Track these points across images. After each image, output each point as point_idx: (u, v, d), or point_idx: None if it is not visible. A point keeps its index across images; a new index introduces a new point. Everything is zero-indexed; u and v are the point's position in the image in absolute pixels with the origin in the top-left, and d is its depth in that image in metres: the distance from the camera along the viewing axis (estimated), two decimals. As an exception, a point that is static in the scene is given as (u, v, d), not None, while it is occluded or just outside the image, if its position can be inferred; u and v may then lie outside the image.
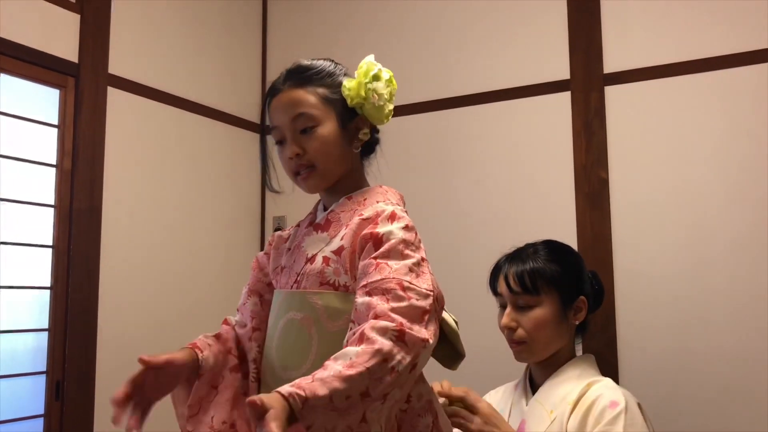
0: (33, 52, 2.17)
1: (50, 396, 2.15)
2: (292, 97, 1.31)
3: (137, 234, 2.46)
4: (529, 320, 1.62)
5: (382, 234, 1.20)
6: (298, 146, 1.30)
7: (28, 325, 2.15)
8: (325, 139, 1.30)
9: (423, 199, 2.68)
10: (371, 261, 1.18)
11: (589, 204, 2.40)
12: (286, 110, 1.31)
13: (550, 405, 1.59)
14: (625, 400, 1.53)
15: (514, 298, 1.65)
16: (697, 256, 2.24)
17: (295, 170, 1.32)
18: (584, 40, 2.46)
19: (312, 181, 1.33)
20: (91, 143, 2.31)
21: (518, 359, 1.68)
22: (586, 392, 1.57)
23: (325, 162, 1.31)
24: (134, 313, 2.41)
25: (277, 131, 1.33)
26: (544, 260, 1.66)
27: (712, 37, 2.28)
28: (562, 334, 1.65)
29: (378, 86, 1.31)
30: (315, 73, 1.33)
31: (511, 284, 1.65)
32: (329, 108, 1.31)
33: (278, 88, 1.33)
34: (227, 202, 2.87)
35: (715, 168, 2.24)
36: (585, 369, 1.64)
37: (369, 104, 1.32)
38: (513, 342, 1.65)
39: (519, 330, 1.63)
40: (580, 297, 1.68)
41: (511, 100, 2.59)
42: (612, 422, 1.49)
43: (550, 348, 1.65)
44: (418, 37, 2.79)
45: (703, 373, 2.18)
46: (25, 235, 2.15)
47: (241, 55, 3.02)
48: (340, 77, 1.34)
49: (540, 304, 1.62)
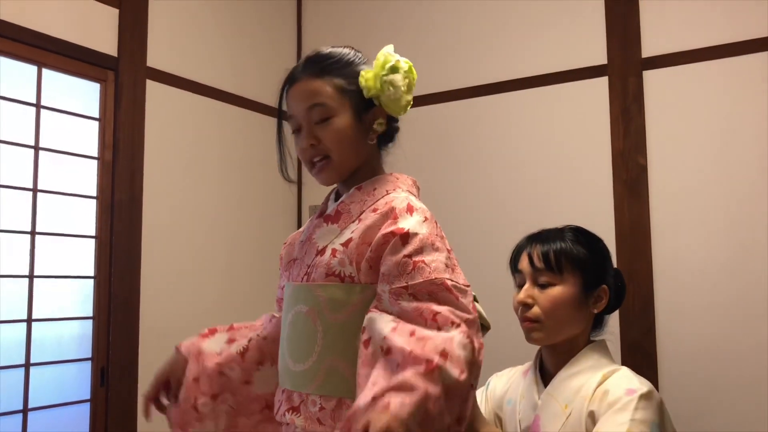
0: (73, 47, 2.22)
1: (95, 382, 2.22)
2: (308, 87, 1.30)
3: (177, 224, 2.51)
4: (547, 298, 1.56)
5: (407, 229, 1.19)
6: (312, 136, 1.29)
7: (73, 314, 2.21)
8: (339, 131, 1.29)
9: (459, 186, 2.67)
10: (406, 260, 1.16)
11: (627, 191, 2.37)
12: (302, 100, 1.30)
13: (564, 399, 1.53)
14: (641, 387, 1.48)
15: (535, 275, 1.59)
16: (738, 243, 2.19)
17: (310, 160, 1.31)
18: (621, 24, 2.42)
19: (326, 173, 1.32)
20: (131, 135, 2.35)
21: (529, 340, 1.60)
22: (602, 384, 1.51)
23: (340, 153, 1.30)
24: (175, 302, 2.47)
25: (294, 120, 1.32)
26: (571, 242, 1.60)
27: (752, 18, 2.22)
28: (578, 319, 1.58)
29: (395, 78, 1.29)
30: (334, 62, 1.31)
31: (534, 261, 1.59)
32: (345, 99, 1.30)
33: (296, 76, 1.32)
34: (264, 192, 2.90)
35: (756, 154, 2.19)
36: (598, 359, 1.56)
37: (385, 96, 1.30)
38: (526, 320, 1.58)
39: (535, 308, 1.56)
40: (603, 286, 1.61)
41: (548, 86, 2.56)
42: (623, 407, 1.44)
43: (564, 331, 1.57)
44: (453, 24, 2.77)
45: (742, 360, 2.14)
46: (68, 226, 2.21)
47: (276, 46, 3.04)
48: (359, 67, 1.32)
49: (561, 283, 1.56)
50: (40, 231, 2.13)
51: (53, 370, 2.13)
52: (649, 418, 1.43)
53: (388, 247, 1.19)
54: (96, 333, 2.23)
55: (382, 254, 1.20)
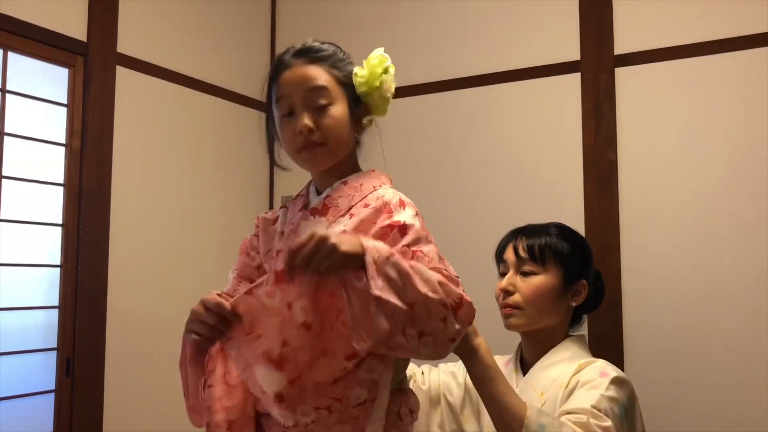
0: (42, 30, 2.17)
1: (61, 372, 2.19)
2: (309, 71, 1.30)
3: (146, 212, 2.47)
4: (529, 286, 1.65)
5: (404, 221, 1.24)
6: (311, 121, 1.28)
7: (39, 303, 2.18)
8: (338, 119, 1.30)
9: (430, 180, 2.68)
10: (405, 249, 1.21)
11: (597, 186, 2.39)
12: (301, 83, 1.29)
13: (541, 387, 1.60)
14: (616, 373, 1.54)
15: (519, 264, 1.68)
16: (705, 238, 2.23)
17: (301, 145, 1.30)
18: (595, 21, 2.44)
19: (320, 157, 1.31)
20: (99, 122, 2.31)
21: (507, 326, 1.68)
22: (578, 372, 1.57)
23: (336, 141, 1.31)
24: (143, 291, 2.44)
25: (286, 102, 1.31)
26: (556, 237, 1.70)
27: (723, 18, 2.25)
28: (556, 310, 1.67)
29: (387, 79, 1.33)
30: (329, 55, 1.33)
31: (519, 251, 1.69)
32: (341, 90, 1.32)
33: (289, 63, 1.32)
34: (235, 181, 2.88)
35: (724, 151, 2.23)
36: (577, 350, 1.65)
37: (378, 94, 1.33)
38: (506, 306, 1.67)
39: (516, 295, 1.66)
40: (582, 281, 1.70)
41: (520, 81, 2.57)
42: (596, 386, 1.51)
43: (542, 320, 1.66)
44: (424, 19, 2.77)
45: (709, 355, 2.19)
46: (35, 214, 2.17)
47: (249, 34, 3.01)
48: (349, 64, 1.35)
49: (543, 273, 1.66)
50: (5, 218, 2.08)
51: (17, 360, 2.10)
52: (619, 398, 1.49)
53: (388, 239, 1.22)
54: (62, 322, 2.20)
55: None
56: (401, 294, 1.11)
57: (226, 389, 1.22)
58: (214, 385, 1.22)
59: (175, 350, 1.29)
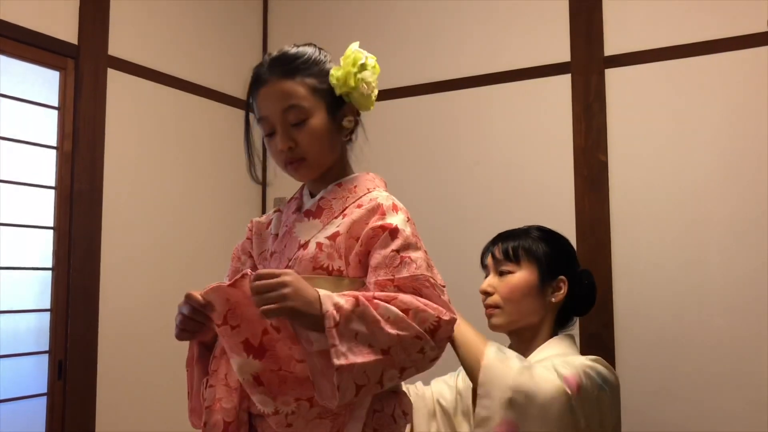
0: (33, 33, 2.17)
1: (53, 375, 2.18)
2: (281, 88, 1.30)
3: (138, 215, 2.47)
4: (506, 285, 1.69)
5: (395, 225, 1.25)
6: (290, 139, 1.30)
7: (31, 306, 2.17)
8: (316, 132, 1.30)
9: (420, 182, 2.69)
10: (394, 254, 1.22)
11: (587, 187, 2.40)
12: (276, 101, 1.30)
13: None
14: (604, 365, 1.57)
15: (497, 266, 1.73)
16: (695, 239, 2.25)
17: (284, 163, 1.34)
18: (585, 23, 2.45)
19: (303, 171, 1.34)
20: (91, 125, 2.31)
21: (490, 326, 1.72)
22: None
23: (317, 154, 1.32)
24: (135, 295, 2.44)
25: (266, 122, 1.32)
26: (532, 238, 1.73)
27: (713, 20, 2.27)
28: (537, 307, 1.69)
29: (366, 75, 1.32)
30: (302, 62, 1.32)
31: (495, 254, 1.74)
32: (318, 99, 1.31)
33: (264, 77, 1.32)
34: (228, 183, 2.88)
35: (714, 151, 2.25)
36: (564, 348, 1.67)
37: (357, 93, 1.32)
38: (488, 307, 1.72)
39: (495, 295, 1.70)
40: (561, 276, 1.71)
41: (511, 82, 2.58)
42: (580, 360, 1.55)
43: (523, 318, 1.69)
44: (417, 18, 2.77)
45: (700, 353, 2.20)
46: (26, 217, 2.16)
47: (241, 35, 3.01)
48: (326, 65, 1.34)
49: (518, 271, 1.69)
50: (-3, 221, 2.09)
51: (9, 363, 2.09)
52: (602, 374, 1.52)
53: (378, 241, 1.24)
54: (54, 326, 2.19)
55: (371, 248, 1.25)
56: (373, 343, 1.12)
57: (227, 391, 1.24)
58: (216, 385, 1.24)
59: (167, 353, 1.31)
